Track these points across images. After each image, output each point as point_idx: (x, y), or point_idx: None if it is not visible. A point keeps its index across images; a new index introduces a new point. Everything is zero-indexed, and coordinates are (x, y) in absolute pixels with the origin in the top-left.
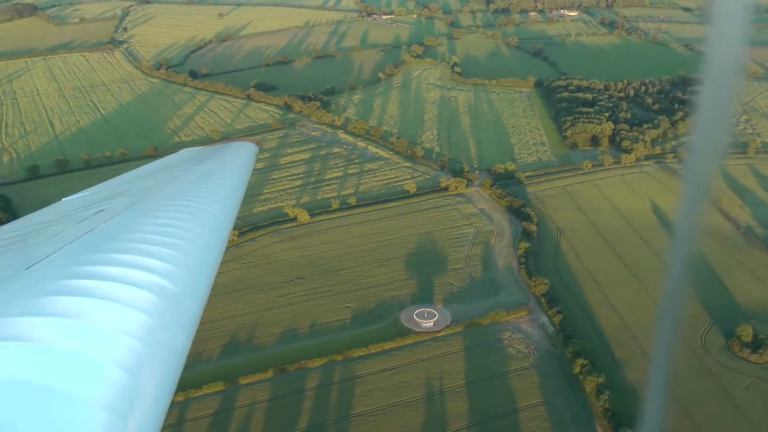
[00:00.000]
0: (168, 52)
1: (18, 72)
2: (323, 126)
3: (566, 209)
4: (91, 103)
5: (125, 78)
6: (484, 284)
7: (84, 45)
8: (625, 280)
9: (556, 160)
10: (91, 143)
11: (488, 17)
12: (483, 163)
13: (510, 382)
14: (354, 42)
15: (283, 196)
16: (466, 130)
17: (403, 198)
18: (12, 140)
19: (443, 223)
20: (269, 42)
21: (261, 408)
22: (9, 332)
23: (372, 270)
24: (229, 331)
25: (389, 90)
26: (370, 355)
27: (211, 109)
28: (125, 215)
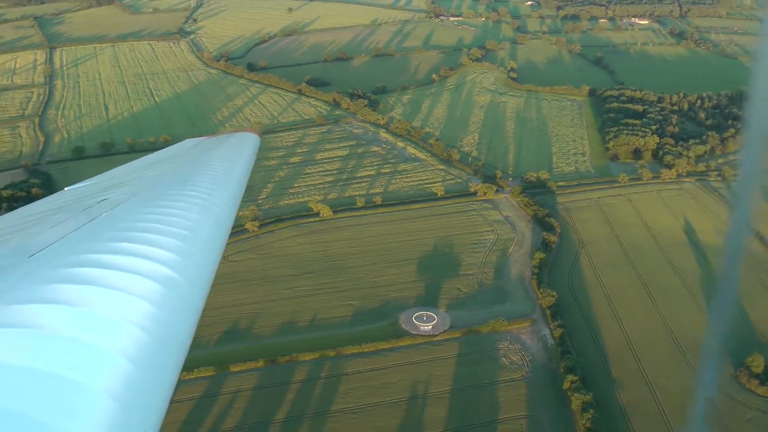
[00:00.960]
0: (232, 44)
1: (86, 57)
2: (367, 124)
3: (593, 222)
4: (148, 90)
5: (185, 67)
6: (492, 292)
7: (153, 34)
8: (638, 298)
9: (594, 172)
10: (139, 128)
11: (556, 23)
12: (519, 170)
13: (497, 393)
14: (416, 42)
15: (311, 191)
16: (508, 136)
17: (429, 200)
18: (66, 121)
19: (465, 227)
20: (333, 38)
21: (244, 396)
22: (12, 319)
23: (383, 270)
24: (231, 319)
25: (440, 92)
26: (362, 354)
27: (261, 101)
28: (128, 204)
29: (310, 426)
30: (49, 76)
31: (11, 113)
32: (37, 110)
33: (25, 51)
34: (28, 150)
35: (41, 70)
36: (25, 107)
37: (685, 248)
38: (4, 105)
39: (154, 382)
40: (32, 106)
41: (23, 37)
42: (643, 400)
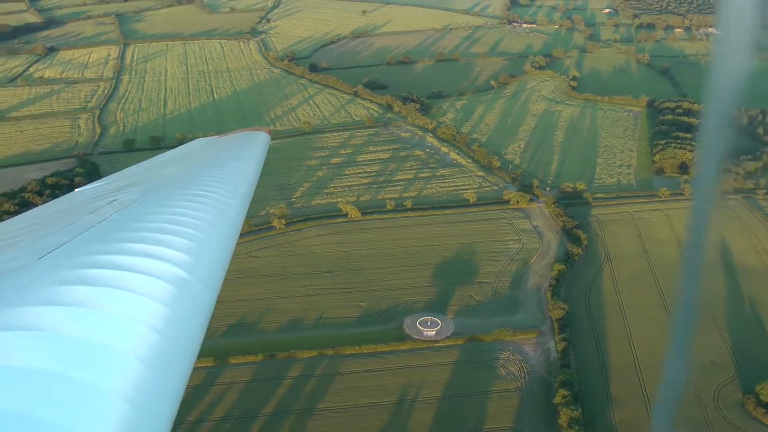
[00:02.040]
0: (300, 44)
1: (157, 54)
2: (415, 128)
3: (625, 236)
4: (208, 88)
5: (250, 66)
6: (505, 301)
7: (225, 33)
8: (655, 317)
9: (636, 185)
10: (192, 124)
11: (630, 32)
12: (559, 180)
13: (487, 402)
14: (483, 48)
15: (345, 192)
16: (555, 145)
17: (461, 207)
18: (125, 114)
19: (491, 235)
20: (400, 42)
21: (237, 388)
22: (23, 321)
23: (399, 273)
24: (240, 312)
25: (497, 99)
26: (361, 355)
27: (315, 101)
28: (138, 205)
29: (294, 422)
30: (118, 71)
31: (75, 105)
32: (99, 103)
33: (101, 46)
34: (83, 141)
35: (112, 65)
36: (89, 100)
37: (717, 268)
38: (69, 97)
39: (165, 383)
40: (96, 99)
41: (102, 33)
42: (637, 419)
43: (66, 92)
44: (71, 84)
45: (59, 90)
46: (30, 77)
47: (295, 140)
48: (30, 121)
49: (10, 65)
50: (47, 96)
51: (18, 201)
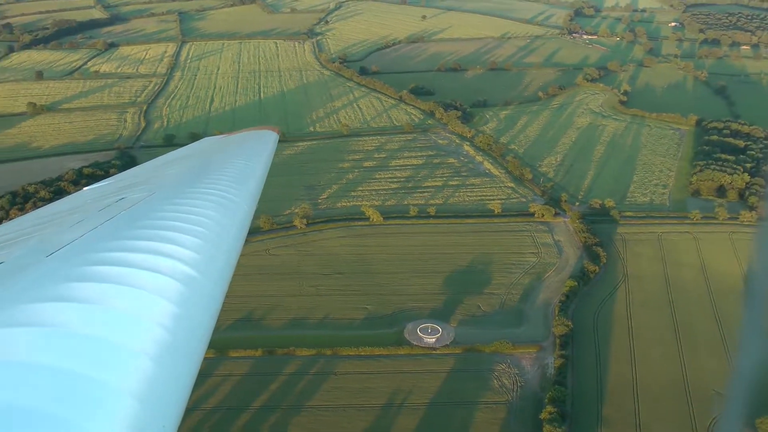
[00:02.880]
0: (355, 47)
1: (212, 52)
2: (453, 136)
3: (647, 257)
4: (257, 87)
5: (301, 67)
6: (511, 314)
7: (282, 33)
8: (664, 342)
9: (669, 206)
10: (234, 122)
11: (693, 47)
12: (590, 195)
13: (474, 413)
14: (538, 59)
15: (372, 196)
16: (593, 160)
17: (484, 217)
18: (171, 110)
19: (509, 247)
20: (455, 48)
21: (232, 381)
22: (31, 318)
23: (410, 279)
24: (248, 308)
25: (542, 110)
26: (358, 357)
27: (359, 105)
28: (146, 203)
29: (280, 417)
30: (171, 67)
31: (124, 99)
32: (148, 98)
33: (159, 43)
34: (127, 134)
35: (167, 62)
36: (138, 95)
37: (739, 298)
38: (120, 91)
39: (173, 380)
40: (146, 94)
41: (163, 31)
42: None
43: (118, 87)
44: (125, 79)
45: (112, 84)
46: (86, 71)
47: (332, 142)
48: (79, 113)
49: (70, 59)
50: (100, 90)
51: (53, 189)
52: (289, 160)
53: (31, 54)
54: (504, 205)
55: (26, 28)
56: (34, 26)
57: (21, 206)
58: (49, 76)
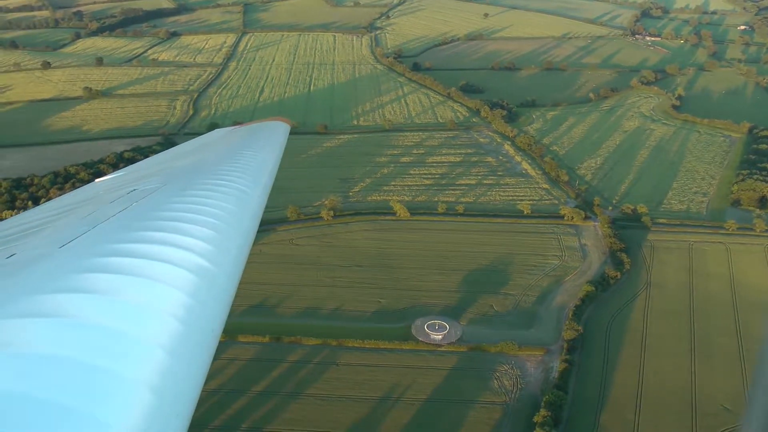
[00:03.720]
0: (412, 43)
1: (270, 43)
2: (495, 135)
3: (674, 265)
4: (308, 79)
5: (355, 61)
6: (523, 315)
7: (342, 27)
8: (676, 353)
9: (705, 214)
10: (279, 112)
11: (760, 52)
12: (625, 199)
13: (468, 411)
14: (596, 60)
15: (404, 191)
16: (634, 165)
17: (512, 217)
18: (220, 99)
19: (534, 249)
20: (513, 47)
21: (237, 365)
22: (45, 308)
23: (428, 275)
24: (263, 295)
25: (591, 112)
26: (362, 349)
27: (407, 101)
28: (158, 194)
29: (278, 403)
30: (228, 57)
31: (177, 87)
32: (200, 87)
33: (220, 34)
34: (174, 121)
35: (224, 52)
36: (192, 83)
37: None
38: (175, 79)
39: (187, 370)
40: (199, 83)
41: (226, 21)
42: None
43: (174, 75)
44: (181, 68)
45: (168, 72)
46: (145, 59)
47: (373, 136)
48: (132, 98)
49: (132, 46)
50: (155, 77)
51: (93, 171)
52: (327, 153)
53: (95, 41)
54: (535, 206)
55: (95, 16)
56: (103, 14)
57: (61, 186)
58: (108, 63)
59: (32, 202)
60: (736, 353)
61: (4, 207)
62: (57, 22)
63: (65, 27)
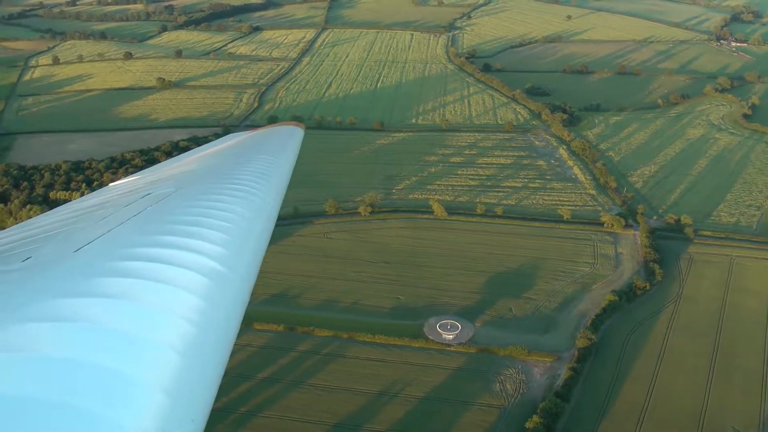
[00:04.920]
0: (489, 44)
1: (347, 39)
2: (552, 138)
3: (710, 279)
4: (377, 76)
5: (427, 60)
6: (541, 321)
7: (422, 26)
8: (694, 370)
9: (756, 229)
10: (341, 109)
11: None
12: (673, 209)
13: (463, 412)
14: (673, 65)
15: (447, 191)
16: (689, 174)
17: (551, 221)
18: (287, 93)
19: (565, 254)
20: (590, 50)
21: (248, 351)
22: (60, 313)
23: (453, 275)
24: (287, 285)
25: (656, 118)
26: (372, 343)
27: (470, 101)
28: (172, 198)
29: (279, 390)
30: (303, 52)
31: (247, 80)
32: (270, 81)
33: (300, 29)
34: (238, 113)
35: (301, 47)
36: (262, 77)
37: None
38: (247, 73)
39: (201, 374)
40: (269, 77)
41: (310, 17)
42: None
43: (247, 69)
44: (255, 61)
45: (242, 66)
46: (222, 53)
47: (428, 135)
48: (201, 90)
49: (213, 40)
50: (228, 70)
51: (147, 158)
52: (379, 150)
53: (180, 34)
54: (577, 212)
55: (185, 10)
56: (193, 8)
57: (115, 171)
58: (187, 55)
59: (86, 184)
60: (759, 376)
61: (60, 188)
62: (148, 15)
63: (155, 20)
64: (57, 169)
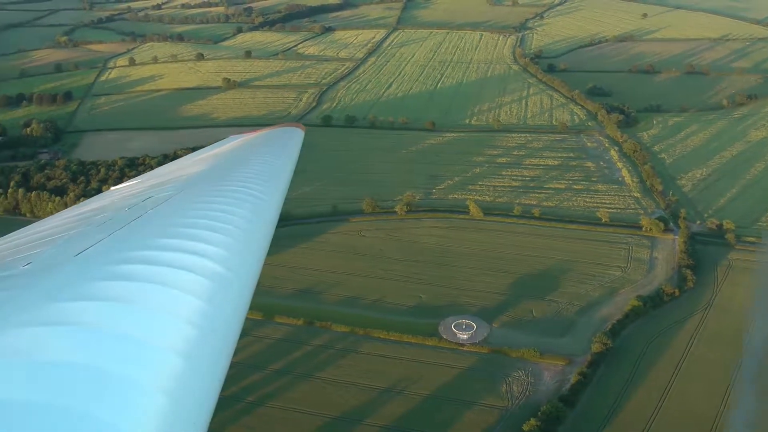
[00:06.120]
0: (558, 44)
1: (415, 40)
2: (605, 140)
3: (747, 288)
4: (438, 77)
5: (492, 60)
6: (560, 324)
7: (493, 26)
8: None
9: None
10: (397, 108)
11: None
12: (719, 214)
13: (465, 412)
14: (746, 64)
15: (488, 191)
16: (743, 179)
17: (588, 224)
18: (346, 93)
19: (596, 258)
20: (661, 49)
21: (266, 342)
22: (62, 317)
23: (479, 275)
24: (314, 280)
25: (718, 120)
26: (386, 340)
27: (527, 102)
28: (173, 201)
29: (287, 382)
30: (369, 53)
31: (311, 80)
32: (332, 81)
33: (371, 29)
34: (295, 112)
35: (368, 47)
36: (325, 77)
37: None
38: (311, 73)
39: (203, 376)
40: (333, 77)
41: (384, 17)
42: None
43: (312, 68)
44: (322, 62)
45: (308, 66)
46: (291, 53)
47: (478, 136)
48: (265, 90)
49: (285, 41)
50: (294, 70)
51: None
52: (427, 149)
53: (254, 35)
54: (618, 215)
55: (263, 12)
56: (271, 10)
57: None
58: (256, 56)
59: None
60: None
61: (113, 183)
62: (227, 17)
63: (234, 22)
64: (113, 165)
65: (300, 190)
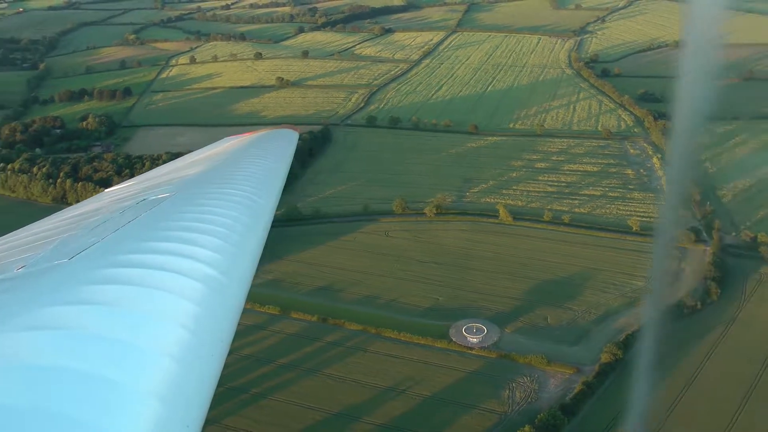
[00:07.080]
0: (616, 48)
1: (472, 43)
2: (649, 146)
3: None
4: (490, 80)
5: (547, 64)
6: (574, 332)
7: (553, 30)
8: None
9: None
10: (443, 111)
11: None
12: (756, 226)
13: (462, 414)
14: None
15: (521, 196)
16: None
17: (618, 232)
18: (395, 94)
19: (622, 267)
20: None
21: (279, 337)
22: (55, 321)
23: (498, 280)
24: (333, 278)
25: None
26: (396, 340)
27: (575, 107)
28: (167, 204)
29: (292, 377)
30: (425, 55)
31: (362, 81)
32: (384, 82)
33: (430, 31)
34: (343, 112)
35: (425, 49)
36: (377, 78)
37: None
38: (364, 74)
39: (196, 380)
40: (384, 78)
41: (445, 20)
42: None
43: (365, 69)
44: (376, 62)
45: (362, 67)
46: (347, 53)
47: (520, 140)
48: (315, 89)
49: (344, 41)
50: (347, 71)
51: None
52: (466, 153)
53: (315, 35)
54: (648, 224)
55: (327, 12)
56: (335, 10)
57: None
58: (312, 56)
59: None
60: None
61: None
62: (292, 17)
63: (297, 22)
64: (157, 159)
65: (335, 189)
